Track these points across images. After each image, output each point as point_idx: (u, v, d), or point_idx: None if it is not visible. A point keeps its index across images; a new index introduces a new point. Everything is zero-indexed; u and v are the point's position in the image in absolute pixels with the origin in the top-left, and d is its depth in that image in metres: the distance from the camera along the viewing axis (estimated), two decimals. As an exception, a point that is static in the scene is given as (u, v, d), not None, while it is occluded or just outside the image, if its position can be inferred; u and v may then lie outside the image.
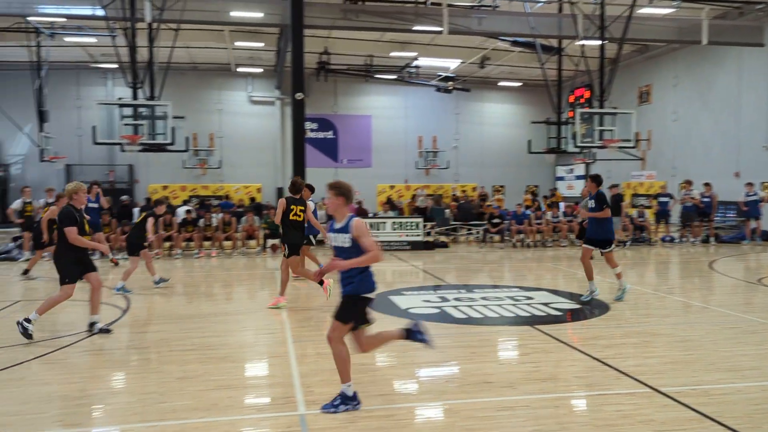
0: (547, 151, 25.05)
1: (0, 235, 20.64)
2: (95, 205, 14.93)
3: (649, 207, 21.79)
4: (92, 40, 24.35)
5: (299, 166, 17.51)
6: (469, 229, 20.39)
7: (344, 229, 4.86)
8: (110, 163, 31.68)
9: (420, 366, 6.26)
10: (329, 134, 33.55)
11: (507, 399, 5.21)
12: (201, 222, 17.12)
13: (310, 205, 10.45)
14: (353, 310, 4.88)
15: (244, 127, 32.53)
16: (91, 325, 7.64)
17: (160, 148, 18.18)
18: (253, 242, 17.83)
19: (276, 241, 16.65)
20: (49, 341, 7.28)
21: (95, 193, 15.05)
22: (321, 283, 8.69)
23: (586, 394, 5.38)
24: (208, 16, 18.16)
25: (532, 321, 8.18)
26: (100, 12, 16.95)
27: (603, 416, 4.78)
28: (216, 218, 17.48)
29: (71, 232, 7.26)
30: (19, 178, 30.92)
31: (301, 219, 9.37)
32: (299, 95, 17.14)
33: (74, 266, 7.42)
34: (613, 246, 9.62)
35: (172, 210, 17.79)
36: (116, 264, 14.60)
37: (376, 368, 6.19)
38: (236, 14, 18.64)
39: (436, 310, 8.96)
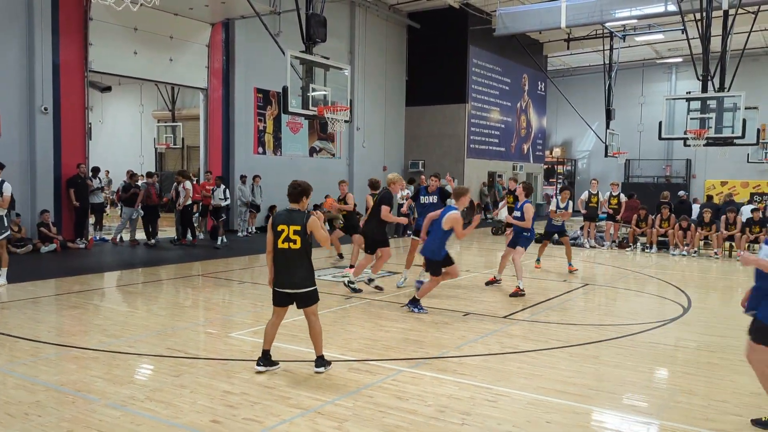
0: None
1: (568, 223, 23.16)
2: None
3: None
4: (659, 36, 24.67)
5: None
6: None
7: None
8: (667, 158, 31.64)
9: None
10: None
11: None
12: (769, 224, 15.35)
13: None
14: None
15: (830, 114, 27.54)
16: (369, 280, 9.84)
17: (726, 141, 17.13)
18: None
19: None
20: (617, 327, 7.83)
21: None
22: None
23: None
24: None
25: None
26: (672, 7, 16.97)
27: None
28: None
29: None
30: (583, 172, 34.09)
31: None
32: None
33: None
34: None
35: (737, 207, 16.54)
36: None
37: None
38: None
39: None
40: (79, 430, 4.39)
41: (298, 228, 5.47)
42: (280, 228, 5.51)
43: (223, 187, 16.21)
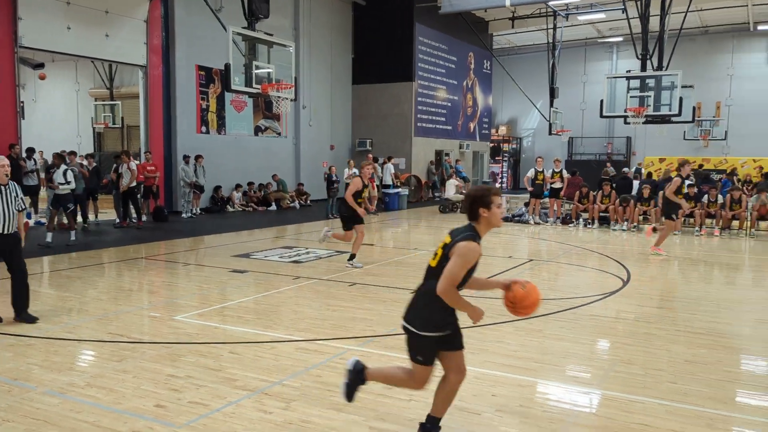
0: None
1: (514, 199, 23.63)
2: None
3: None
4: (601, 15, 25.15)
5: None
6: None
7: None
8: (609, 135, 32.46)
9: None
10: None
11: None
12: (705, 198, 16.00)
13: None
14: None
15: (759, 94, 28.81)
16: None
17: (663, 119, 17.69)
18: (765, 224, 15.80)
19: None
20: (560, 301, 8.03)
21: None
22: None
23: None
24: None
25: None
26: (613, -13, 17.30)
27: None
28: (721, 196, 16.07)
29: None
30: (528, 150, 34.69)
31: None
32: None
33: None
34: None
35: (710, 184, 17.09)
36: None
37: None
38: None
39: None
40: (15, 419, 4.22)
41: (447, 242, 3.77)
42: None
43: (63, 168, 12.57)
